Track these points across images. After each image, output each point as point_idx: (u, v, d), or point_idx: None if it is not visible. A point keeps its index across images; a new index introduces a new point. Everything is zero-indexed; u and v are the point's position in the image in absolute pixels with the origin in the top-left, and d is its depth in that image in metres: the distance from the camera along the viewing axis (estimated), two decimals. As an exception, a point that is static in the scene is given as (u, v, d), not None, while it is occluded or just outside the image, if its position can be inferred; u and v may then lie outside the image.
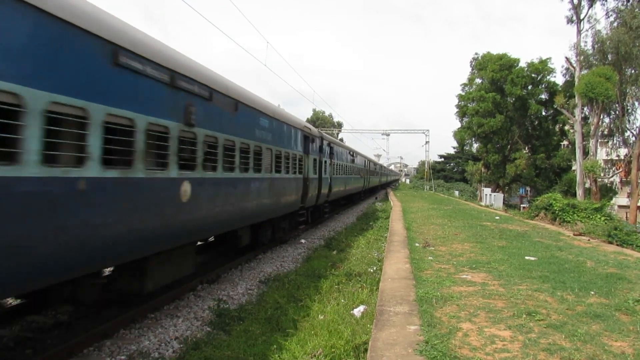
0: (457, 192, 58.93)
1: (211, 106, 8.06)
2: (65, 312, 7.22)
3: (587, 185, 34.59)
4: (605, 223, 16.98)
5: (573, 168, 44.49)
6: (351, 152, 28.96)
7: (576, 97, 34.02)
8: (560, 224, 18.83)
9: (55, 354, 5.57)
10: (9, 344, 5.94)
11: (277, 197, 12.39)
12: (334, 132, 75.22)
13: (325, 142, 19.83)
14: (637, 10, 32.49)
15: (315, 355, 5.42)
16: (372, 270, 10.23)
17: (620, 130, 37.47)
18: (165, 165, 6.53)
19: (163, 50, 6.76)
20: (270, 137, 11.58)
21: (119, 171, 5.48)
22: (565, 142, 53.16)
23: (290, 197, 13.88)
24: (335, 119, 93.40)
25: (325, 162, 19.74)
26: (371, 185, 45.73)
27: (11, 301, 7.25)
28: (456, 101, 54.41)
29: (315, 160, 17.38)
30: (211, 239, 11.76)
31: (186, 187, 7.07)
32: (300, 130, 15.23)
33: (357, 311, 7.06)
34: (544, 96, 49.87)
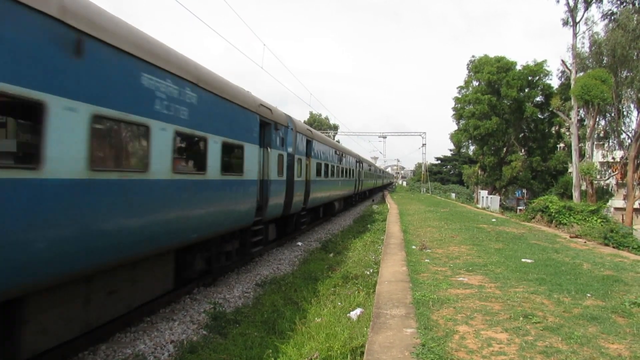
0: (453, 195, 59.01)
1: None
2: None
3: (583, 188, 34.70)
4: (602, 225, 17.06)
5: (569, 170, 44.67)
6: (338, 150, 24.83)
7: (572, 100, 34.18)
8: (556, 227, 18.88)
9: (49, 358, 5.52)
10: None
11: (205, 209, 8.03)
12: (330, 134, 75.20)
13: (299, 135, 15.51)
14: (633, 12, 32.71)
15: (311, 358, 5.40)
16: (368, 273, 10.22)
17: (616, 133, 37.68)
18: None
19: None
20: (176, 114, 6.91)
21: None
22: (561, 145, 53.45)
23: (233, 207, 9.46)
24: (332, 122, 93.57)
25: (300, 160, 15.69)
26: (364, 189, 41.47)
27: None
28: (452, 104, 54.72)
29: (281, 156, 13.12)
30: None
31: None
32: (253, 113, 10.59)
33: (354, 314, 7.05)
34: (539, 98, 50.11)
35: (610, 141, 40.13)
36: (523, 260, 9.81)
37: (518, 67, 49.83)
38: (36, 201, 4.42)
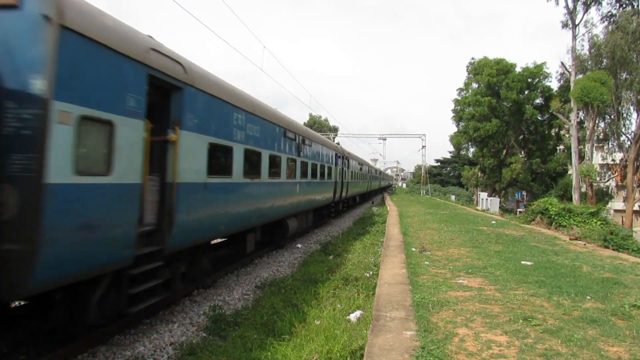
0: (453, 197, 59.05)
1: None
2: (59, 317, 7.15)
3: (583, 190, 34.70)
4: (601, 227, 17.02)
5: (569, 172, 44.68)
6: (293, 132, 14.39)
7: (572, 102, 34.22)
8: (556, 229, 18.86)
9: (49, 359, 5.51)
10: (2, 349, 5.88)
11: None
12: (330, 135, 75.16)
13: (105, 53, 5.15)
14: (632, 14, 32.77)
15: (311, 361, 5.40)
16: (368, 275, 10.22)
17: (615, 135, 37.67)
18: None
19: None
20: None
21: None
22: (561, 147, 53.43)
23: None
24: (332, 123, 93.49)
25: (112, 126, 5.31)
26: (351, 194, 30.20)
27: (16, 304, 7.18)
28: (452, 105, 54.78)
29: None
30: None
31: None
32: None
33: (354, 316, 7.05)
34: (539, 100, 50.14)
35: (610, 143, 40.13)
36: (523, 262, 9.81)
37: (517, 69, 49.89)
38: None
